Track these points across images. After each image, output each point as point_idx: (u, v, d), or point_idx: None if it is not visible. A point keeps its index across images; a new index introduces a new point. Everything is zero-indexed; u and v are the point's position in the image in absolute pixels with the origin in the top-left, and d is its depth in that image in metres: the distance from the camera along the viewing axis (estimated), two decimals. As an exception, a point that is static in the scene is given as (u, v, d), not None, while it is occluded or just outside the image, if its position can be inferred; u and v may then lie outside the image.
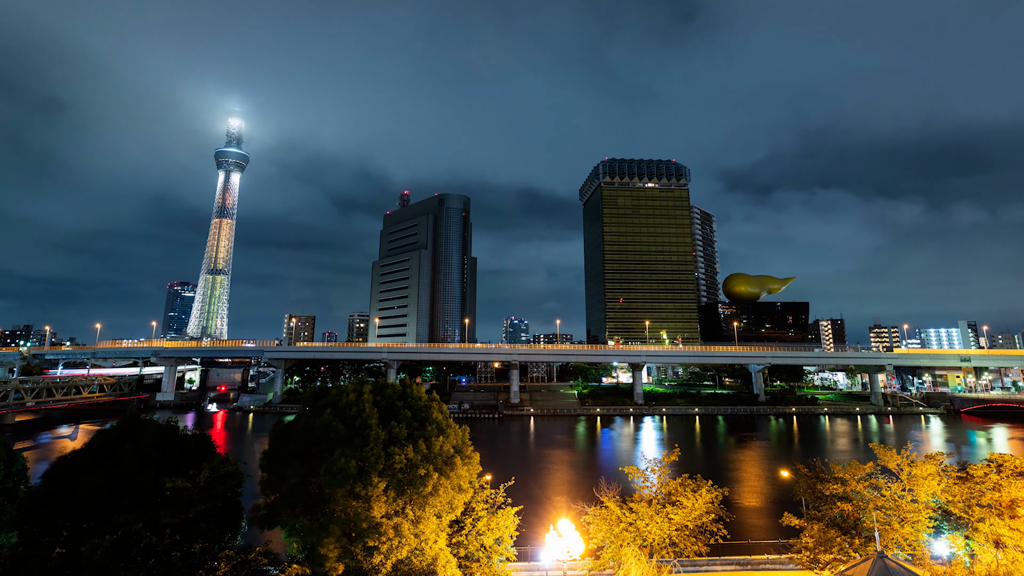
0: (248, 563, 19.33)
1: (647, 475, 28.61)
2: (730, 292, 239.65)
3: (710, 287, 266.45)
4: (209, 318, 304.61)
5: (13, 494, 25.91)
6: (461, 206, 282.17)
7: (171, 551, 18.25)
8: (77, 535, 19.87)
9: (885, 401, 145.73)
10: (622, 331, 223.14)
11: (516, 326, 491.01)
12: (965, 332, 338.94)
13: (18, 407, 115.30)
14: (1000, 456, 28.06)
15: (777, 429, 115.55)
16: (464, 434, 25.44)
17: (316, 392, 25.34)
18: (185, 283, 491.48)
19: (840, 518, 28.14)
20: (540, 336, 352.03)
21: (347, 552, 20.63)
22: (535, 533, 36.62)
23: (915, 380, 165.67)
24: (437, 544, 22.61)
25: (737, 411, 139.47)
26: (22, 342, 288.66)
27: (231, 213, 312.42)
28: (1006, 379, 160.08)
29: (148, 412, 28.61)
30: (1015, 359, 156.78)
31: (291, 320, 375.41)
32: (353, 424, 22.34)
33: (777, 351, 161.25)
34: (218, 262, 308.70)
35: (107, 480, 20.41)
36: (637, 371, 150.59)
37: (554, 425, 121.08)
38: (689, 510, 25.94)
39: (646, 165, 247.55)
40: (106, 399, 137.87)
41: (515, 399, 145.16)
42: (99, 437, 22.85)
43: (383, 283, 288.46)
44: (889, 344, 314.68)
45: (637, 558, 25.51)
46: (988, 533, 25.81)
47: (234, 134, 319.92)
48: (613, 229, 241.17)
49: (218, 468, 22.13)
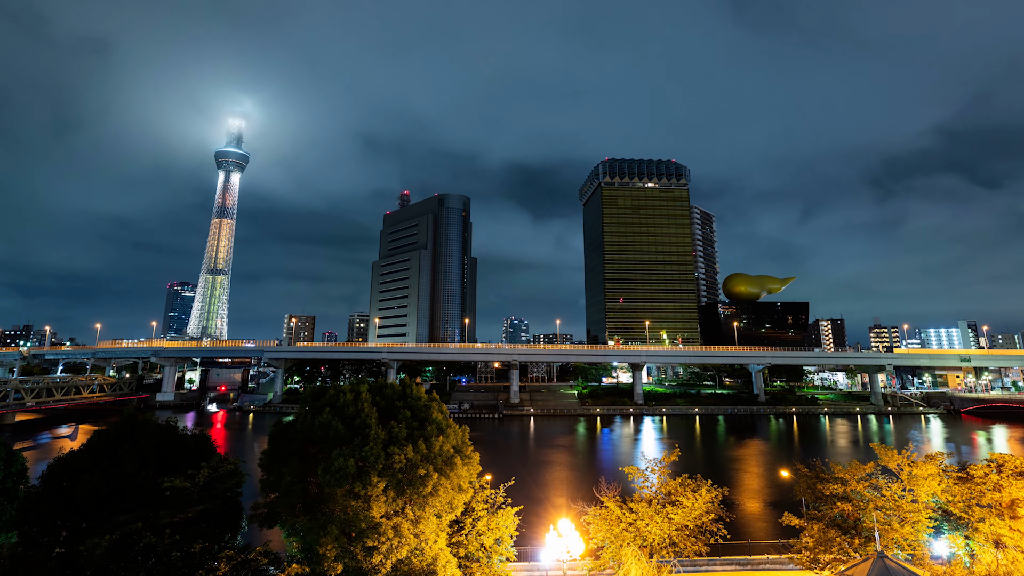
0: (248, 563, 19.33)
1: (647, 475, 28.59)
2: (730, 292, 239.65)
3: (710, 287, 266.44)
4: (209, 318, 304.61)
5: (13, 494, 25.87)
6: (461, 206, 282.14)
7: (171, 551, 18.24)
8: (77, 535, 19.86)
9: (885, 401, 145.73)
10: (622, 331, 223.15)
11: (516, 326, 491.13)
12: (965, 332, 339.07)
13: (18, 407, 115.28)
14: (1000, 456, 28.03)
15: (777, 429, 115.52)
16: (464, 434, 25.43)
17: (315, 392, 25.31)
18: (185, 283, 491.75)
19: (840, 518, 28.13)
20: (540, 336, 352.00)
21: (346, 551, 20.61)
22: (535, 533, 36.61)
23: (915, 380, 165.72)
24: (437, 544, 22.59)
25: (737, 411, 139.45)
26: (22, 342, 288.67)
27: (231, 213, 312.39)
28: (1006, 379, 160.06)
29: (148, 412, 28.65)
30: (1015, 359, 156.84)
31: (291, 320, 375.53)
32: (352, 424, 22.33)
33: (777, 351, 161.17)
34: (218, 262, 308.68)
35: (106, 480, 20.41)
36: (637, 371, 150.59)
37: (554, 425, 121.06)
38: (689, 510, 25.91)
39: (646, 165, 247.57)
40: (106, 399, 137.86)
41: (515, 399, 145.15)
42: (98, 437, 22.85)
43: (383, 283, 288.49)
44: (889, 344, 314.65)
45: (637, 558, 25.49)
46: (988, 533, 25.78)
47: (234, 134, 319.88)
48: (613, 229, 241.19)
49: (217, 468, 22.15)
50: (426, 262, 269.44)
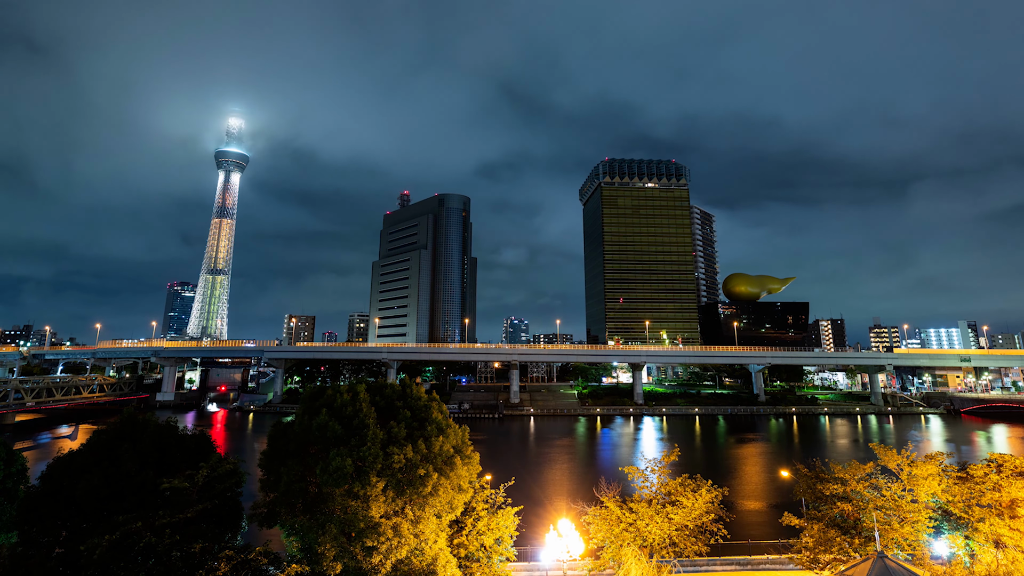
0: (248, 563, 19.32)
1: (647, 475, 28.60)
2: (730, 292, 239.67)
3: (710, 287, 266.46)
4: (209, 318, 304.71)
5: (13, 494, 25.86)
6: (461, 206, 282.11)
7: (171, 551, 18.23)
8: (76, 535, 19.85)
9: (885, 401, 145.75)
10: (622, 331, 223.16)
11: (516, 326, 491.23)
12: (965, 332, 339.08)
13: (18, 407, 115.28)
14: (1000, 456, 28.03)
15: (777, 429, 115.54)
16: (464, 434, 25.42)
17: (313, 393, 25.27)
18: (185, 283, 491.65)
19: (840, 518, 28.14)
20: (540, 336, 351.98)
21: (345, 551, 20.62)
22: (535, 533, 36.61)
23: (915, 380, 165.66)
24: (437, 544, 22.59)
25: (737, 411, 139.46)
26: (22, 342, 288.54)
27: (231, 213, 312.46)
28: (1006, 379, 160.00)
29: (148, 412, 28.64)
30: (1015, 359, 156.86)
31: (291, 320, 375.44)
32: (350, 424, 22.31)
33: (777, 351, 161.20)
34: (218, 262, 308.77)
35: (106, 480, 20.40)
36: (637, 371, 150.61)
37: (554, 425, 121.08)
38: (689, 510, 25.92)
39: (646, 165, 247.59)
40: (106, 399, 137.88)
41: (515, 399, 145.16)
42: (98, 437, 22.81)
43: (383, 283, 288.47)
44: (889, 344, 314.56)
45: (637, 558, 25.49)
46: (988, 533, 25.78)
47: (234, 133, 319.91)
48: (613, 229, 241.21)
49: (216, 467, 22.13)
50: (426, 262, 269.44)
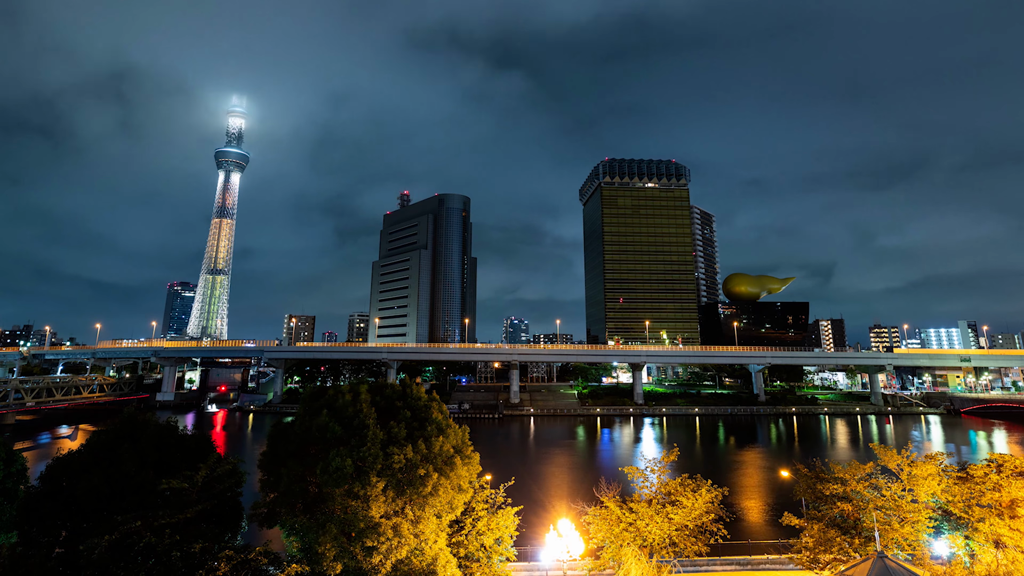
0: (248, 563, 19.30)
1: (647, 475, 28.59)
2: (730, 292, 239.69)
3: (710, 287, 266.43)
4: (209, 318, 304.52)
5: (13, 494, 25.83)
6: (461, 206, 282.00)
7: (171, 551, 18.22)
8: (76, 535, 19.87)
9: (885, 401, 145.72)
10: (622, 331, 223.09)
11: (516, 326, 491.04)
12: (965, 332, 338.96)
13: (18, 407, 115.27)
14: (1000, 456, 28.02)
15: (777, 429, 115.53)
16: (464, 434, 25.41)
17: (313, 393, 25.26)
18: (185, 283, 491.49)
19: (840, 518, 28.12)
20: (540, 336, 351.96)
21: (345, 551, 20.61)
22: (535, 533, 36.60)
23: (915, 380, 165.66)
24: (437, 544, 22.59)
25: (737, 411, 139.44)
26: (22, 342, 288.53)
27: (231, 213, 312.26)
28: (1006, 379, 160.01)
29: (148, 412, 28.63)
30: (1015, 359, 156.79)
31: (291, 320, 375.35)
32: (350, 424, 22.30)
33: (777, 351, 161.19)
34: (218, 262, 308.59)
35: (106, 480, 20.41)
36: (637, 371, 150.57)
37: (554, 425, 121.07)
38: (689, 510, 25.91)
39: (646, 165, 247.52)
40: (106, 399, 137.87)
41: (515, 399, 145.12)
42: (98, 437, 22.85)
43: (383, 283, 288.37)
44: (889, 344, 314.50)
45: (637, 558, 25.49)
46: (988, 533, 25.77)
47: (234, 133, 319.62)
48: (613, 229, 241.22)
49: (216, 467, 22.14)
50: (426, 262, 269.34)
